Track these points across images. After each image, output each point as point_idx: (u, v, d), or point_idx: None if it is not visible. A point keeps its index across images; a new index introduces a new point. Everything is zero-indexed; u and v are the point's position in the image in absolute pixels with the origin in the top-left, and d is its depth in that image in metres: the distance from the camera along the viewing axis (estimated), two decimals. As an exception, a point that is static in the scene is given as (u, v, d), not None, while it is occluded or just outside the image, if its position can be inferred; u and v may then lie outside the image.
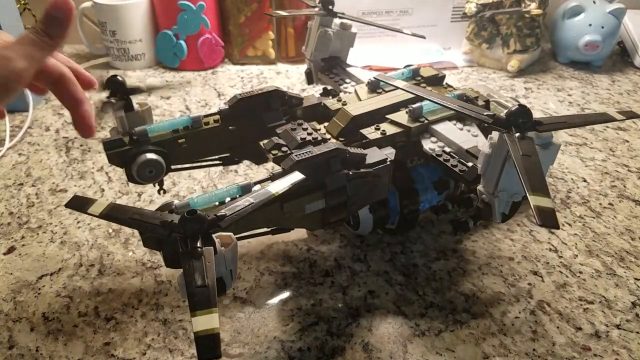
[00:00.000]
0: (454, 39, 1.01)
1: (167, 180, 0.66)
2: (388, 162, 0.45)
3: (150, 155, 0.46)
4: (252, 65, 0.99)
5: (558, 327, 0.46)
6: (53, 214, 0.60)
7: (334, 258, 0.53)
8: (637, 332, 0.46)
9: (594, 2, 0.94)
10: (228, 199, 0.39)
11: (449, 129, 0.50)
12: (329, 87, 0.65)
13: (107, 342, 0.45)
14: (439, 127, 0.50)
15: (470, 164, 0.46)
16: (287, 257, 0.54)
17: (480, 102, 0.54)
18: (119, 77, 0.47)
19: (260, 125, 0.50)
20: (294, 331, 0.46)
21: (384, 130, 0.49)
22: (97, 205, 0.38)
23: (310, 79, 0.68)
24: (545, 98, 0.88)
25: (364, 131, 0.49)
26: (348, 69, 0.65)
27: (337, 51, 0.66)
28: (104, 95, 0.48)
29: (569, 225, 0.59)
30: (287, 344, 0.44)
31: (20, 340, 0.45)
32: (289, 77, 0.94)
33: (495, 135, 0.41)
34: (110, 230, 0.57)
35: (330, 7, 0.63)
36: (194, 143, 0.49)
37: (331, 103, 0.53)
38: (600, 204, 0.62)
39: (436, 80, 0.58)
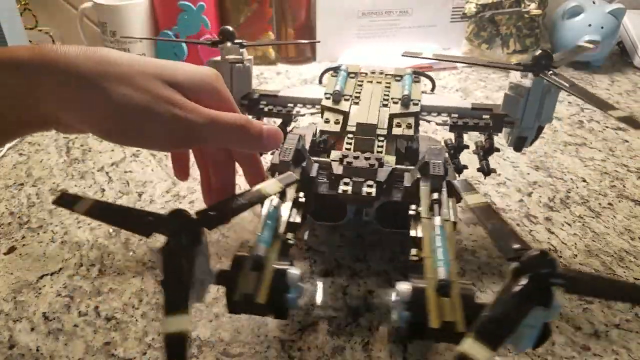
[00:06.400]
0: (454, 39, 1.01)
1: (168, 181, 0.66)
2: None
3: None
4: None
5: (557, 327, 0.46)
6: (53, 214, 0.60)
7: (334, 258, 0.53)
8: (637, 332, 0.46)
9: (594, 3, 0.95)
10: None
11: (435, 99, 0.54)
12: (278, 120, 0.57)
13: (107, 341, 0.45)
14: (427, 102, 0.53)
15: (485, 117, 0.52)
16: (287, 257, 0.54)
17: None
18: None
19: None
20: (294, 331, 0.46)
21: (409, 123, 0.50)
22: (82, 203, 0.36)
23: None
24: (545, 98, 0.88)
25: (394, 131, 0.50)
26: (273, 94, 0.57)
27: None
28: None
29: (569, 225, 0.59)
30: (287, 344, 0.45)
31: (20, 340, 0.45)
32: (289, 78, 0.94)
33: (515, 75, 0.50)
34: (111, 230, 0.57)
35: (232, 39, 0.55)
36: None
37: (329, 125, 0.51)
38: (599, 204, 0.62)
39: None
